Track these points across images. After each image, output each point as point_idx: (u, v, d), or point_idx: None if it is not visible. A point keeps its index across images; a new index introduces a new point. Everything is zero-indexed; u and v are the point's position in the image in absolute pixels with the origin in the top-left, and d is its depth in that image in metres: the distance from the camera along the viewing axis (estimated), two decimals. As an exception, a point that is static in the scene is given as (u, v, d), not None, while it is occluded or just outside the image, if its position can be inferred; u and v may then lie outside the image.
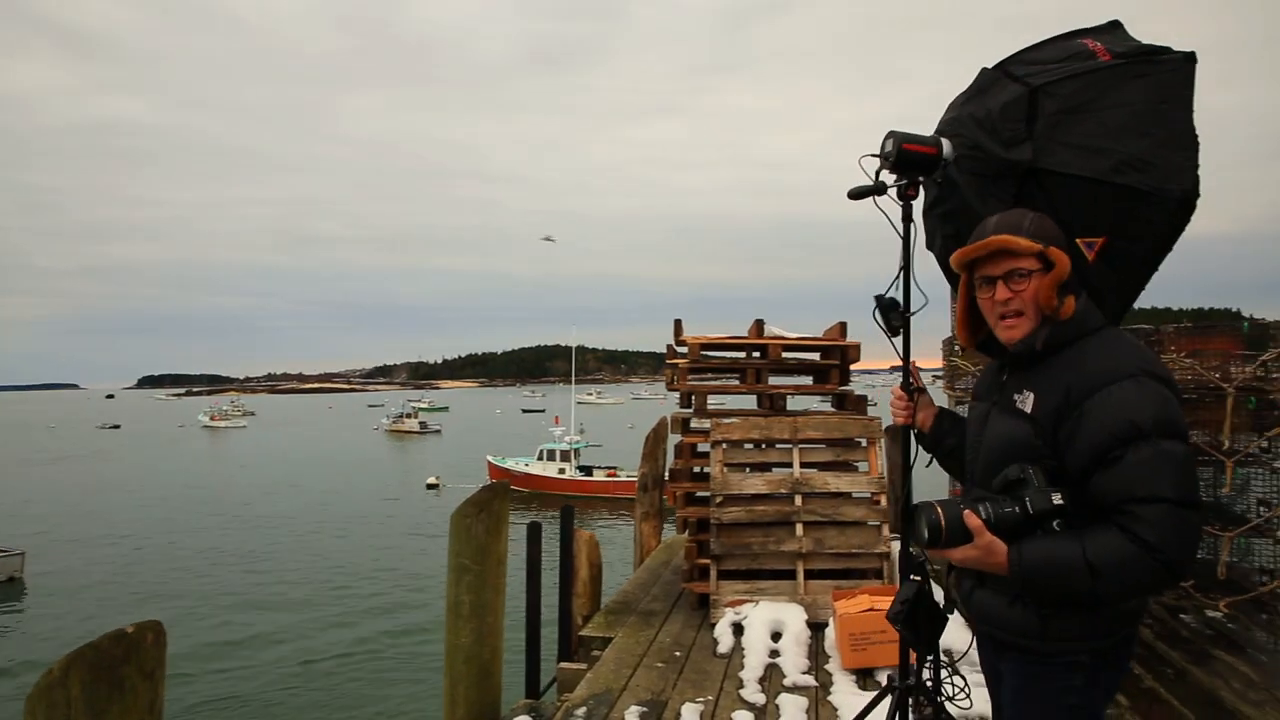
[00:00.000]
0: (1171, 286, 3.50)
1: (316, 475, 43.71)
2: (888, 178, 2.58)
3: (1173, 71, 2.31)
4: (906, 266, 2.59)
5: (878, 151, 2.55)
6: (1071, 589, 1.93)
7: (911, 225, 2.60)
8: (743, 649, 4.88)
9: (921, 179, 2.55)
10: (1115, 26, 2.50)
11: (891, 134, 2.52)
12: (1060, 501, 1.96)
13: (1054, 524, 1.97)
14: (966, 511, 2.02)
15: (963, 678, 2.61)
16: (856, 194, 2.66)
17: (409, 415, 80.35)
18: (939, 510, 2.04)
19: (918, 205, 2.63)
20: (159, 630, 2.67)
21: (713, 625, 5.30)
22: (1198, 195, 2.28)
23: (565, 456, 36.36)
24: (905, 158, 2.49)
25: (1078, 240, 2.25)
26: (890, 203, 2.59)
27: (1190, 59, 2.33)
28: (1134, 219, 2.26)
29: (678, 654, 4.94)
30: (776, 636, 4.99)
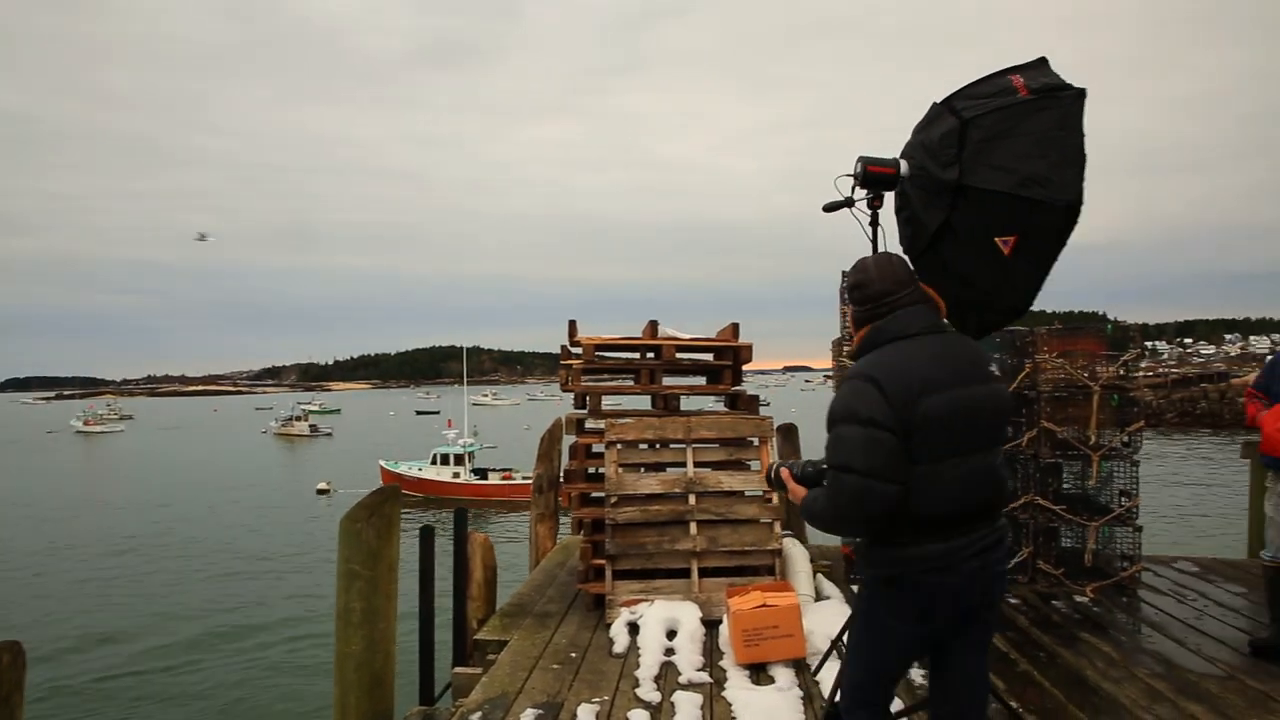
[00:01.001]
0: (1046, 291, 3.99)
1: (200, 480, 41.98)
2: (859, 192, 3.22)
3: (1069, 104, 2.88)
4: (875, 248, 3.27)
5: (851, 172, 3.21)
6: (819, 523, 2.68)
7: (878, 229, 3.22)
8: (638, 648, 4.90)
9: (888, 190, 3.20)
10: (1042, 63, 3.05)
11: (861, 158, 3.17)
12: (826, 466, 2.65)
13: (824, 480, 2.68)
14: (782, 467, 2.89)
15: None
16: (830, 207, 3.37)
17: (299, 418, 77.81)
18: (775, 465, 2.95)
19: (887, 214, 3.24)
20: (18, 651, 2.52)
21: (608, 625, 5.30)
22: (1081, 204, 2.85)
23: (459, 460, 35.84)
24: (870, 177, 3.16)
25: (995, 239, 2.90)
26: (862, 214, 3.24)
27: (1081, 94, 2.88)
28: (1034, 223, 2.87)
29: (574, 655, 4.93)
30: (672, 635, 5.03)
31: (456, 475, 35.17)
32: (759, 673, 4.60)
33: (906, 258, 3.04)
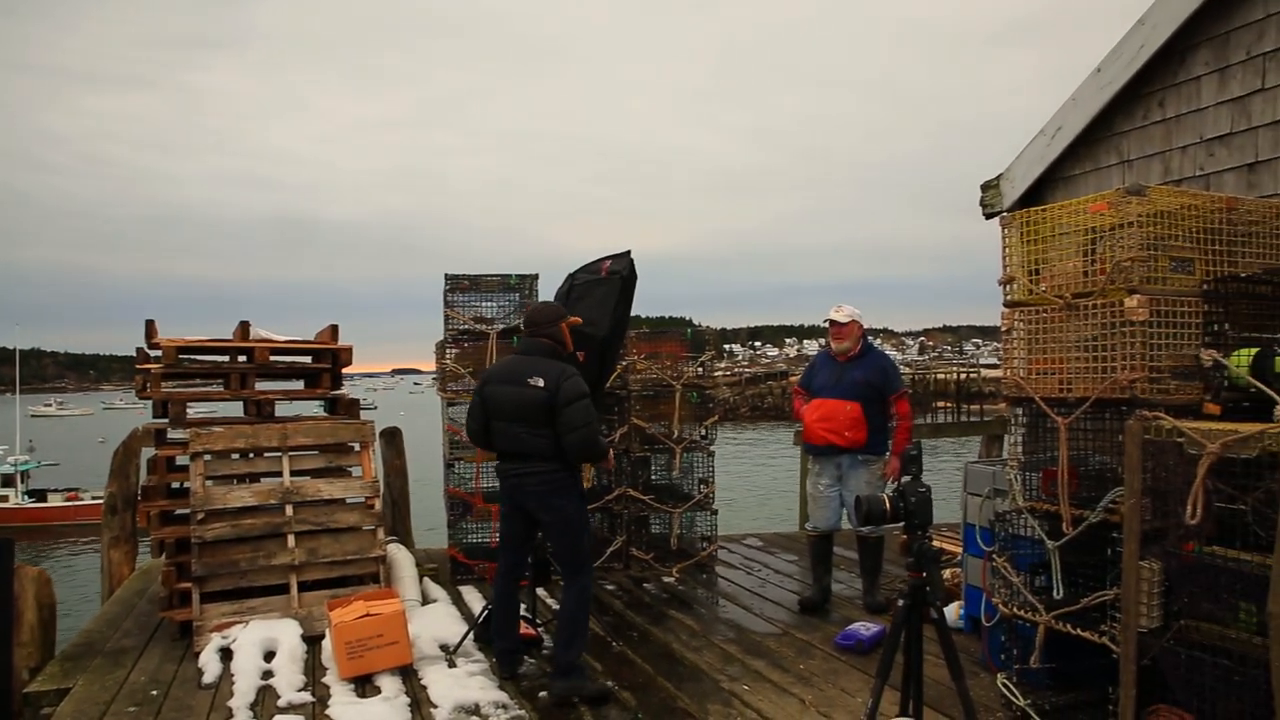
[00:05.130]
0: (641, 299, 4.96)
1: None
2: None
3: (618, 283, 4.95)
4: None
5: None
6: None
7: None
8: (232, 675, 4.54)
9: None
10: (627, 254, 5.02)
11: (527, 305, 5.85)
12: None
13: None
14: None
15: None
16: (513, 329, 6.39)
17: None
18: None
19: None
20: None
21: (197, 654, 4.86)
22: (611, 334, 5.01)
23: (9, 480, 30.66)
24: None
25: (577, 352, 4.70)
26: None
27: (622, 278, 4.95)
28: (589, 345, 4.88)
29: (155, 693, 4.45)
30: (270, 656, 4.74)
31: (4, 499, 30.09)
32: (365, 684, 4.48)
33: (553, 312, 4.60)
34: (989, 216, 5.88)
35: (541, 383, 4.23)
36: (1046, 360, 3.71)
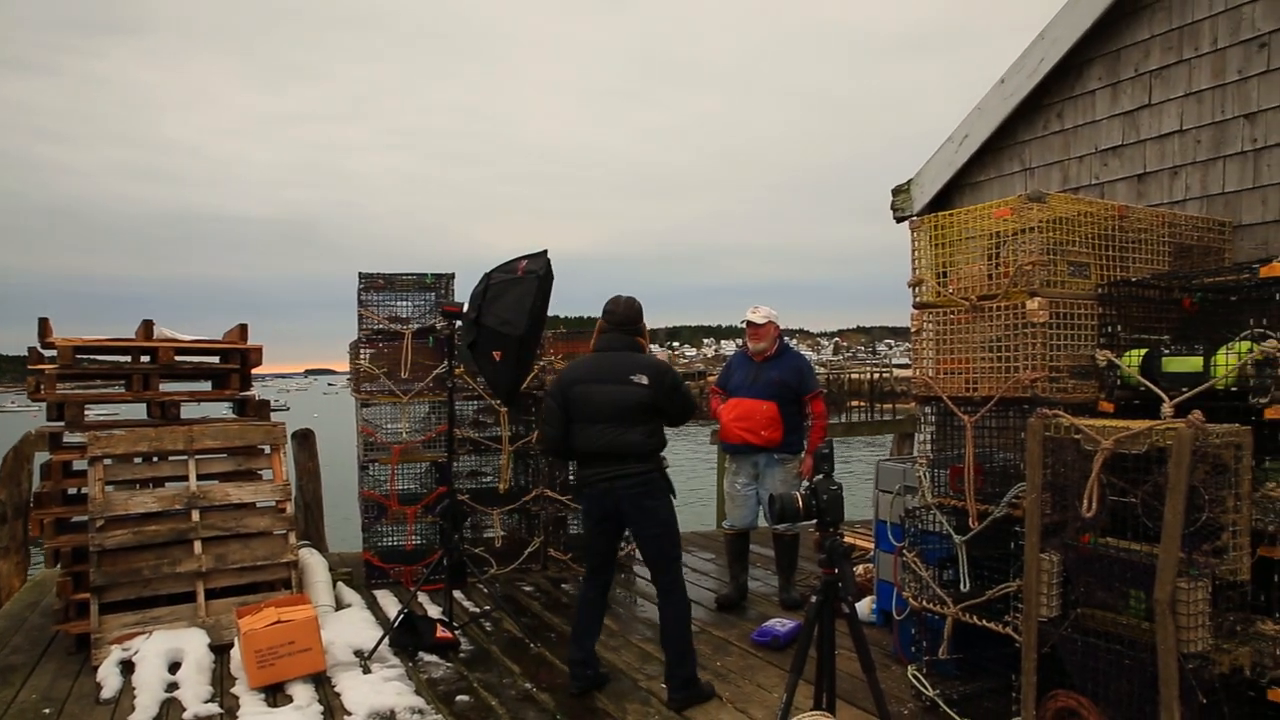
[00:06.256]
0: (559, 299, 4.91)
1: None
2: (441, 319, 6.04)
3: (535, 282, 4.73)
4: (452, 355, 5.50)
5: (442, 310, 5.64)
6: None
7: (454, 336, 5.37)
8: (134, 688, 4.38)
9: (458, 320, 5.17)
10: (544, 253, 4.85)
11: (443, 305, 5.90)
12: None
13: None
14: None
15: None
16: (423, 330, 6.49)
17: None
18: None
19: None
20: None
21: (95, 668, 4.67)
22: (528, 334, 4.76)
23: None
24: (447, 312, 5.32)
25: (493, 352, 4.80)
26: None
27: (540, 277, 4.74)
28: (506, 345, 4.77)
29: (47, 711, 4.24)
30: (175, 667, 4.59)
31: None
32: (276, 693, 4.37)
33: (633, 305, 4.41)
34: (900, 220, 6.04)
35: (646, 380, 4.10)
36: (954, 360, 3.83)
